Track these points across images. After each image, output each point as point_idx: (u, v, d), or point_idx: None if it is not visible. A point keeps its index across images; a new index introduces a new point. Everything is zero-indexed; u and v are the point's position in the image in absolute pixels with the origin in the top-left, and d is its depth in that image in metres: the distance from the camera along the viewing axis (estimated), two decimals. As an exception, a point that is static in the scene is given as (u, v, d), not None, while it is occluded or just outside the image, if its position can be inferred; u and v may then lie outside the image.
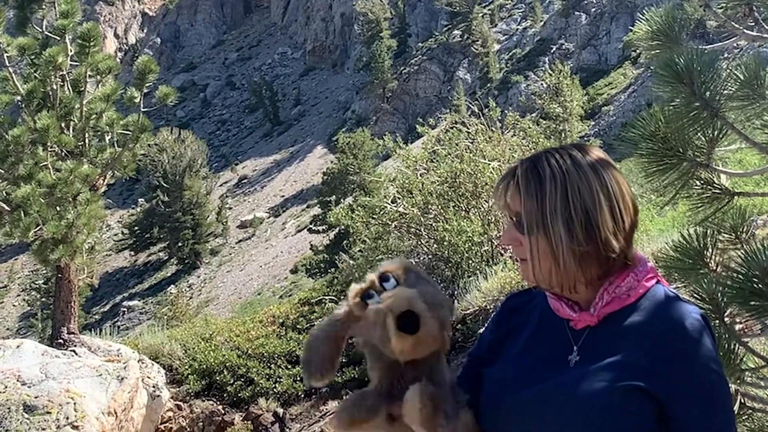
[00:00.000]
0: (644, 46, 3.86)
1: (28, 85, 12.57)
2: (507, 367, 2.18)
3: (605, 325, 2.10)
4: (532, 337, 2.22)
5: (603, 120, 59.31)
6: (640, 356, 2.01)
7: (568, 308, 2.14)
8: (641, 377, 1.99)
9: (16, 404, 9.33)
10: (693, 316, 2.05)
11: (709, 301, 3.28)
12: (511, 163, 7.79)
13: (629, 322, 2.08)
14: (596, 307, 2.11)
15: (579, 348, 2.11)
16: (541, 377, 2.10)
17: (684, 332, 2.02)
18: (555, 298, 2.17)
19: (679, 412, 2.00)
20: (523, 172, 2.14)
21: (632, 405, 1.98)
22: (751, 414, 3.52)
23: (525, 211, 2.11)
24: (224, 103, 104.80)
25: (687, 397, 2.00)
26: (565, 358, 2.12)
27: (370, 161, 61.76)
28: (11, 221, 11.86)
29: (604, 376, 2.01)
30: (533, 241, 2.10)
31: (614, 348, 2.06)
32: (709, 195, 3.53)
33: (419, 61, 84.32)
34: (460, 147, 15.17)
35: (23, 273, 71.65)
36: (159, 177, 69.86)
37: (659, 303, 2.10)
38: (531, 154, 2.25)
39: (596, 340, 2.10)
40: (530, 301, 2.31)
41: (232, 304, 58.04)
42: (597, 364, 2.04)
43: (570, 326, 2.15)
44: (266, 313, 15.26)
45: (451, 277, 13.01)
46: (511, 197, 2.14)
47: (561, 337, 2.15)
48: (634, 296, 2.11)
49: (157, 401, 11.34)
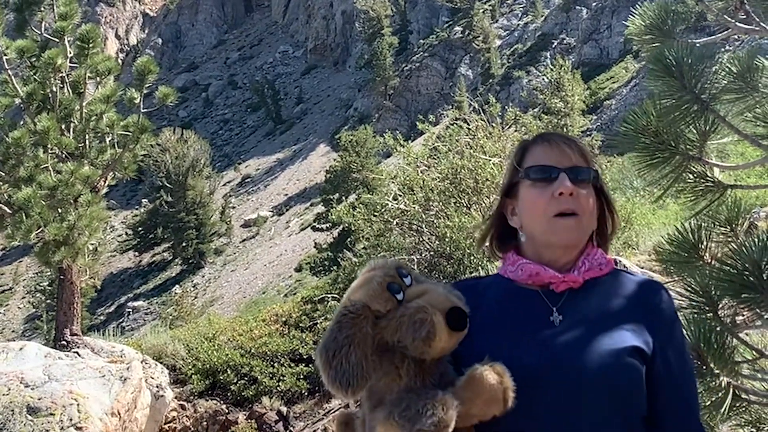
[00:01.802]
0: (639, 40, 3.86)
1: (28, 88, 12.60)
2: (485, 340, 2.20)
3: (584, 289, 2.26)
4: (503, 312, 2.29)
5: (605, 114, 59.20)
6: (628, 319, 2.21)
7: (552, 270, 2.27)
8: (636, 338, 2.17)
9: (20, 406, 9.34)
10: (663, 287, 2.32)
11: (703, 293, 3.28)
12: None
13: (606, 290, 2.27)
14: (580, 270, 2.27)
15: (559, 309, 2.23)
16: (529, 339, 2.19)
17: (661, 299, 2.28)
18: (534, 264, 2.29)
19: (664, 370, 2.20)
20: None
21: (635, 363, 2.15)
22: (747, 406, 3.52)
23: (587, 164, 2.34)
24: (226, 102, 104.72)
25: (670, 356, 2.22)
26: (547, 319, 2.23)
27: (372, 159, 61.68)
28: (13, 224, 11.89)
29: (604, 336, 2.16)
30: (588, 194, 2.31)
31: (599, 310, 2.23)
32: (702, 188, 3.54)
33: (421, 58, 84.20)
34: (460, 143, 15.15)
35: (28, 275, 71.66)
36: (162, 177, 69.84)
37: (630, 278, 2.34)
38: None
39: (577, 301, 2.25)
40: (476, 285, 2.42)
41: (237, 303, 58.01)
42: (586, 323, 2.19)
43: (546, 292, 2.27)
44: (269, 312, 15.26)
45: (453, 273, 13.00)
46: (568, 151, 2.34)
47: (536, 304, 2.26)
48: (605, 270, 2.30)
49: (160, 401, 11.35)
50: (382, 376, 2.05)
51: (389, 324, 2.02)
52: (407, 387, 2.03)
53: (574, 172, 2.28)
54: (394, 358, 2.04)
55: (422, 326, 1.99)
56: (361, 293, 2.04)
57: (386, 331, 2.03)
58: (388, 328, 2.03)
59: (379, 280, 2.05)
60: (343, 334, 1.97)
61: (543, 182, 2.29)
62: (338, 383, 1.94)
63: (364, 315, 2.00)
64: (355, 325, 1.98)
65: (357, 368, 1.94)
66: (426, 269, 13.38)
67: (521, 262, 2.31)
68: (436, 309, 2.01)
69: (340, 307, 2.05)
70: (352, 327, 1.98)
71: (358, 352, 1.95)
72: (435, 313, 2.00)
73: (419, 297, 2.06)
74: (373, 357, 2.00)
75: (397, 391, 2.03)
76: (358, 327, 1.98)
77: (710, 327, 3.16)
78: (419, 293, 2.07)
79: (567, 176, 2.26)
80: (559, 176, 2.27)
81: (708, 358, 3.14)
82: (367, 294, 2.03)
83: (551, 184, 2.27)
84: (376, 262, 2.16)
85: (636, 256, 11.44)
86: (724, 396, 3.17)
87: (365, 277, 2.10)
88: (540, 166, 2.32)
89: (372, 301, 2.02)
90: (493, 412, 2.02)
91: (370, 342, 2.00)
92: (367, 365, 1.97)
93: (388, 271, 2.08)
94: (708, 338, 3.12)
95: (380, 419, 1.99)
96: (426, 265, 13.46)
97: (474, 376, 2.00)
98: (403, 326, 2.00)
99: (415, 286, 2.09)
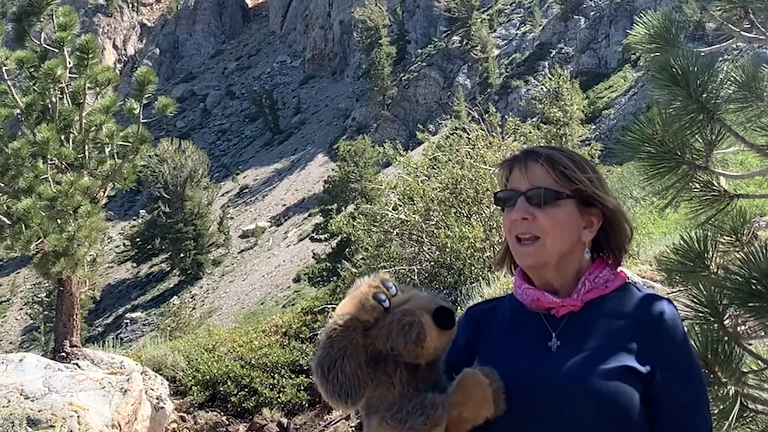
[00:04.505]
0: (642, 49, 3.86)
1: (28, 98, 12.58)
2: (489, 361, 2.22)
3: (585, 311, 2.25)
4: (507, 335, 2.32)
5: (604, 123, 59.28)
6: (625, 339, 2.18)
7: (551, 296, 2.26)
8: (630, 358, 2.14)
9: (20, 418, 9.31)
10: (669, 305, 2.24)
11: (708, 304, 3.27)
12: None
13: (609, 309, 2.25)
14: (579, 293, 2.25)
15: (558, 334, 2.23)
16: (525, 364, 2.21)
17: (664, 317, 2.20)
18: (534, 290, 2.29)
19: (663, 390, 2.15)
20: (548, 152, 2.33)
21: (628, 384, 2.11)
22: (754, 416, 3.51)
23: (552, 182, 2.27)
24: (224, 112, 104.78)
25: (671, 376, 2.16)
26: (545, 344, 2.23)
27: (371, 168, 61.68)
28: (12, 234, 11.86)
29: (599, 357, 2.14)
30: (550, 214, 2.25)
31: (597, 332, 2.20)
32: (708, 197, 3.53)
33: (419, 68, 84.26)
34: (460, 153, 15.17)
35: (26, 286, 71.53)
36: (160, 188, 69.80)
37: (635, 294, 2.28)
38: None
39: (577, 325, 2.23)
40: (493, 308, 2.43)
41: (235, 314, 57.96)
42: (585, 346, 2.18)
43: (547, 316, 2.27)
44: (269, 323, 15.25)
45: (454, 283, 13.00)
46: (533, 172, 2.29)
47: (537, 328, 2.27)
48: (611, 287, 2.28)
49: (161, 413, 11.32)
50: (377, 387, 2.07)
51: (380, 332, 2.04)
52: (401, 394, 2.05)
53: (533, 195, 2.26)
54: (387, 367, 2.07)
55: (411, 329, 2.01)
56: (349, 307, 2.06)
57: (378, 340, 2.05)
58: (379, 336, 2.04)
59: (365, 291, 2.08)
60: (335, 347, 2.00)
61: (508, 207, 2.31)
62: (337, 396, 1.98)
63: (353, 327, 2.02)
64: (345, 338, 2.00)
65: (353, 379, 1.97)
66: (426, 279, 13.37)
67: (525, 287, 2.31)
68: (422, 310, 2.04)
69: (329, 323, 2.07)
70: (343, 340, 2.00)
71: (352, 363, 1.98)
72: (422, 314, 2.03)
73: (404, 303, 2.08)
74: (367, 368, 2.03)
75: (391, 398, 2.05)
76: (348, 339, 2.00)
77: (717, 336, 3.14)
78: (404, 300, 2.10)
79: (525, 200, 2.26)
80: (517, 202, 2.27)
81: (716, 368, 3.13)
82: (354, 306, 2.05)
83: (513, 209, 2.29)
84: (361, 279, 2.17)
85: (637, 266, 11.44)
86: (731, 405, 3.15)
87: (351, 294, 2.12)
88: (501, 191, 2.35)
89: (359, 312, 2.04)
90: (485, 415, 2.05)
91: (363, 352, 2.03)
92: (363, 375, 2.00)
93: (372, 283, 2.11)
94: (715, 348, 3.11)
95: (374, 425, 2.04)
96: (426, 276, 13.46)
97: (464, 379, 2.05)
98: (393, 332, 2.02)
99: (400, 295, 2.11)
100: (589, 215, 2.29)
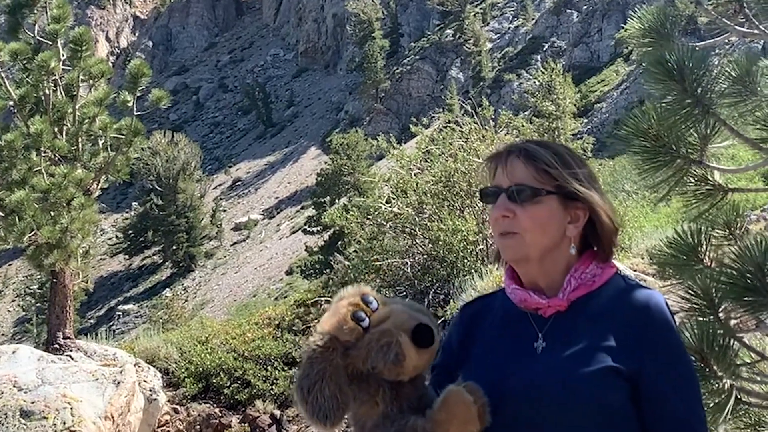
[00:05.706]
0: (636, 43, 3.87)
1: (21, 90, 12.54)
2: (476, 368, 2.25)
3: (572, 310, 2.23)
4: (496, 336, 2.31)
5: (596, 117, 59.43)
6: (611, 338, 2.15)
7: (537, 296, 2.26)
8: (615, 358, 2.12)
9: (13, 410, 9.31)
10: (656, 299, 2.22)
11: (704, 296, 3.29)
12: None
13: (596, 307, 2.23)
14: (565, 292, 2.24)
15: (544, 335, 2.23)
16: (511, 368, 2.20)
17: (650, 313, 2.18)
18: (521, 290, 2.28)
19: (650, 387, 2.13)
20: (533, 147, 2.33)
21: (612, 384, 2.10)
22: (747, 409, 3.53)
23: (532, 178, 2.26)
24: (217, 105, 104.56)
25: (658, 372, 2.14)
26: (531, 346, 2.23)
27: (364, 162, 61.67)
28: (5, 226, 11.83)
29: (582, 359, 2.13)
30: (530, 211, 2.24)
31: (583, 332, 2.18)
32: (703, 191, 3.54)
33: (412, 61, 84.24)
34: (453, 146, 15.17)
35: (17, 278, 71.36)
36: (152, 180, 69.70)
37: (623, 288, 2.25)
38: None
39: (563, 325, 2.22)
40: (485, 306, 2.43)
41: (227, 306, 57.85)
42: (568, 348, 2.16)
43: (535, 316, 2.27)
44: (262, 315, 15.25)
45: (446, 276, 13.01)
46: (514, 169, 2.29)
47: (525, 329, 2.26)
48: (598, 282, 2.26)
49: (153, 405, 11.33)
50: (361, 405, 2.08)
51: (359, 353, 2.04)
52: (384, 414, 2.06)
53: (513, 192, 2.26)
54: (369, 386, 2.07)
55: (389, 350, 2.01)
56: (329, 326, 2.06)
57: (358, 360, 2.05)
58: (358, 357, 2.04)
59: (344, 311, 2.06)
60: (314, 369, 2.00)
61: (491, 204, 2.32)
62: (316, 417, 1.99)
63: (332, 347, 2.02)
64: (325, 359, 2.00)
65: (332, 401, 1.98)
66: (419, 272, 13.39)
67: (513, 287, 2.31)
68: (400, 330, 2.03)
69: (309, 342, 2.07)
70: (323, 362, 2.00)
71: (331, 386, 1.98)
72: (400, 334, 2.03)
73: (384, 321, 2.08)
74: (351, 387, 2.04)
75: (375, 418, 2.06)
76: (328, 361, 2.00)
77: (713, 330, 3.16)
78: (384, 317, 2.09)
79: (506, 197, 2.27)
80: (498, 199, 2.29)
81: (711, 361, 3.14)
82: (333, 326, 2.05)
83: (495, 206, 2.31)
84: (344, 291, 2.16)
85: (629, 259, 11.46)
86: (726, 399, 3.17)
87: (332, 308, 2.12)
88: (486, 188, 2.37)
89: (339, 332, 2.04)
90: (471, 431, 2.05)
91: (343, 373, 2.03)
92: (343, 397, 2.00)
93: (352, 300, 2.09)
94: (710, 341, 3.12)
95: None
96: (419, 269, 13.47)
97: (448, 397, 2.03)
98: (372, 352, 2.03)
99: (381, 309, 2.10)
100: (575, 210, 2.28)
